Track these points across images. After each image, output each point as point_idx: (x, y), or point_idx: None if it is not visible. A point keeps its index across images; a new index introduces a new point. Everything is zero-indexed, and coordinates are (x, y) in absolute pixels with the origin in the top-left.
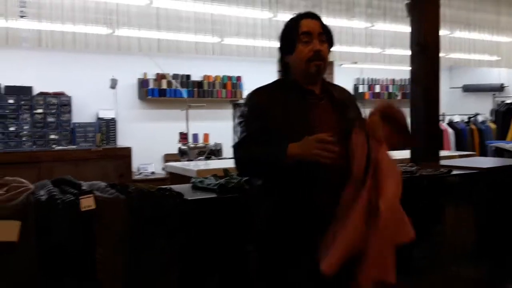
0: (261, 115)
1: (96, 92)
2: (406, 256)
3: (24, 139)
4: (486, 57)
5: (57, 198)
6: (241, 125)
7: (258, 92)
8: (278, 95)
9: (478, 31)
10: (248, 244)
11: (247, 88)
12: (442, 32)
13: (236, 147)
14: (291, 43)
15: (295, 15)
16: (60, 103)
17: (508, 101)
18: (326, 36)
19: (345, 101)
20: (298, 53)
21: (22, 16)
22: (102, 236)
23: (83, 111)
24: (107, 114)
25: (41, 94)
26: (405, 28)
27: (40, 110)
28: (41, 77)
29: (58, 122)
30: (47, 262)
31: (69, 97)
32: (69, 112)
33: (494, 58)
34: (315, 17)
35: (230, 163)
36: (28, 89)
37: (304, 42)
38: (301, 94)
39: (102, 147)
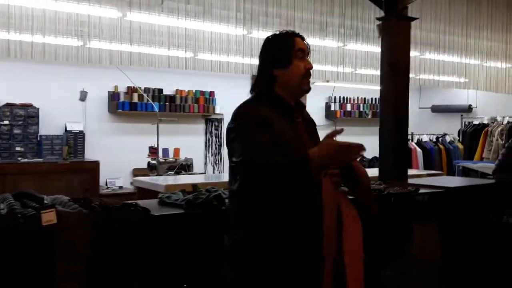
0: (265, 126)
1: (64, 104)
2: (374, 273)
3: None
4: (454, 79)
5: (17, 212)
6: (243, 136)
7: (253, 105)
8: (269, 110)
9: (447, 53)
10: (222, 262)
11: (220, 103)
12: (413, 53)
13: (252, 156)
14: (286, 57)
15: (281, 32)
16: (27, 115)
17: (476, 122)
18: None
19: (310, 121)
20: (295, 67)
21: None
22: (64, 251)
23: (51, 123)
24: (75, 127)
25: (8, 105)
26: (377, 49)
27: (6, 122)
28: (8, 88)
29: (25, 134)
30: (6, 277)
31: (37, 109)
32: (36, 124)
33: (463, 79)
34: (303, 38)
35: (200, 179)
36: None
37: (300, 58)
38: (288, 111)
39: (69, 161)
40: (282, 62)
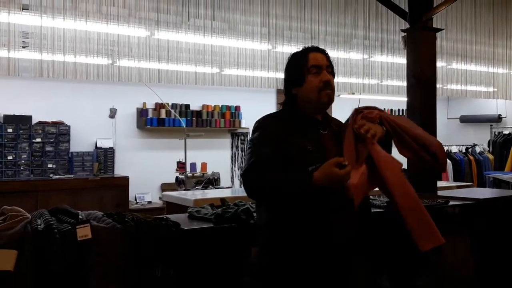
0: (271, 141)
1: (95, 122)
2: (403, 283)
3: (22, 168)
4: (482, 88)
5: (54, 227)
6: (250, 150)
7: (269, 118)
8: (288, 122)
9: (475, 63)
10: (245, 275)
11: (246, 117)
12: (439, 64)
13: (246, 173)
14: (300, 75)
15: (300, 48)
16: (58, 132)
17: (506, 132)
18: (332, 68)
19: (342, 133)
20: (308, 83)
21: (24, 47)
22: (98, 266)
23: (82, 140)
24: (105, 143)
25: (40, 123)
26: (402, 60)
27: (38, 139)
28: (41, 107)
29: (56, 151)
30: None
31: (68, 126)
32: (68, 141)
33: (491, 89)
34: (321, 50)
35: (227, 193)
36: (27, 118)
37: (314, 73)
38: (310, 123)
39: (100, 176)
40: (297, 81)
